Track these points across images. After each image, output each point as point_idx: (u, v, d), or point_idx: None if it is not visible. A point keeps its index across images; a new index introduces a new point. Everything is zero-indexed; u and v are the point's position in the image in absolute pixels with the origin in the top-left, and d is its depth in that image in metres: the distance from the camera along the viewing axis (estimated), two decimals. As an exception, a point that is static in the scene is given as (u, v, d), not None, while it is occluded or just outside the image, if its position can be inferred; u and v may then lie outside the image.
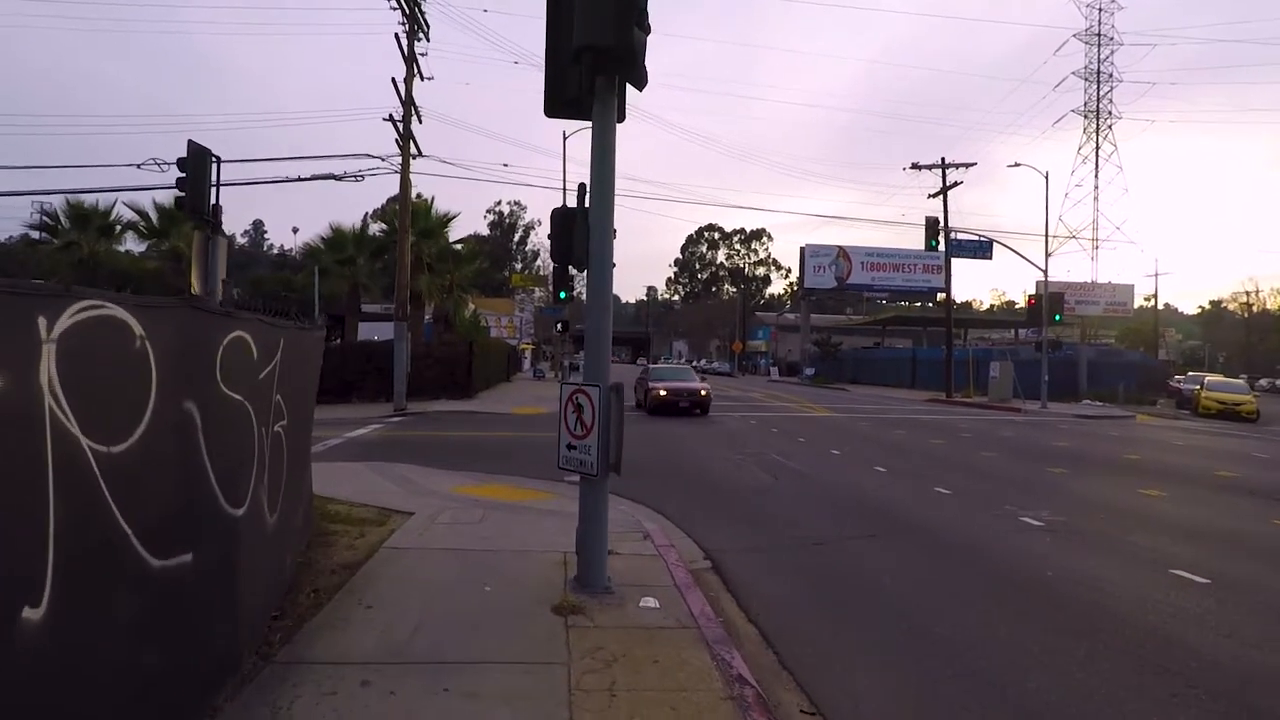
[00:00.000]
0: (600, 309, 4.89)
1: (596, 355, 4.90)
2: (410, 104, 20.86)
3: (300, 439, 4.94)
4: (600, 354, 4.90)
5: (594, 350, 4.91)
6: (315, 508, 7.02)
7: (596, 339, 4.90)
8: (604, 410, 4.70)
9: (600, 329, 4.89)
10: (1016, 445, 15.84)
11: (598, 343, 4.90)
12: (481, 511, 7.72)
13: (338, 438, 14.54)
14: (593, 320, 4.91)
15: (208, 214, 9.64)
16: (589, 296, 4.92)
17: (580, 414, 4.82)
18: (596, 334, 4.90)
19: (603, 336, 4.90)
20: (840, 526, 7.74)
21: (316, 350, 5.29)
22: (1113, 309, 36.69)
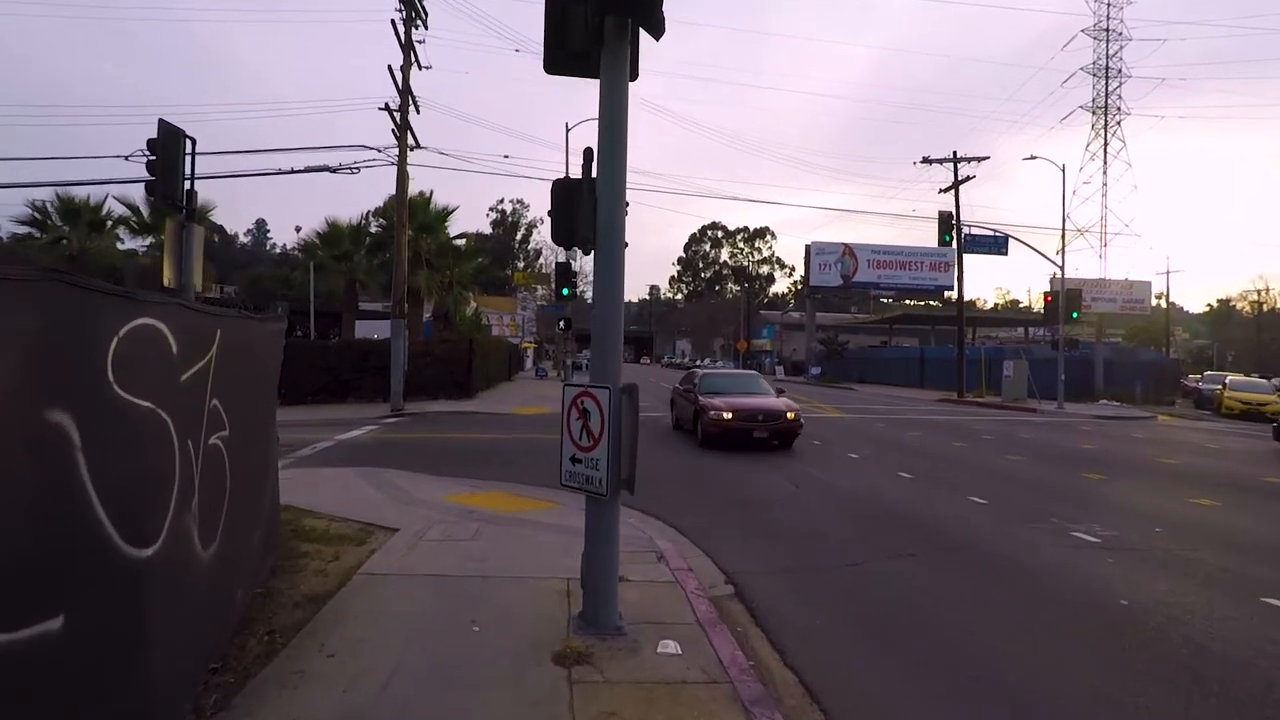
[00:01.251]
0: (610, 295, 4.13)
1: (606, 351, 4.13)
2: (407, 93, 20.10)
3: (255, 451, 4.18)
4: (610, 350, 4.14)
5: (603, 345, 4.14)
6: (288, 523, 6.27)
7: (606, 332, 4.13)
8: (614, 417, 3.94)
9: (610, 320, 4.13)
10: (1041, 448, 15.03)
11: (607, 337, 4.13)
12: (475, 525, 6.96)
13: (328, 440, 13.81)
14: (602, 309, 4.14)
15: (181, 200, 8.89)
16: (597, 281, 4.16)
17: (586, 421, 4.06)
18: (606, 326, 4.13)
19: (613, 329, 4.14)
20: (873, 543, 6.97)
21: (274, 346, 4.53)
22: (1129, 306, 35.79)
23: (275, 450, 5.15)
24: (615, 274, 4.13)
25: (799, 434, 13.55)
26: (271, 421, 4.85)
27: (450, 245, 27.55)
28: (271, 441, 4.81)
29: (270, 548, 4.87)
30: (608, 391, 3.94)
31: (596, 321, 4.14)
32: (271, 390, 4.65)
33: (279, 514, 5.36)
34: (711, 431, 13.12)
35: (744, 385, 15.20)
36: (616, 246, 4.13)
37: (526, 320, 61.11)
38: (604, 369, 4.11)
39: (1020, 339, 64.10)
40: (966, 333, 67.28)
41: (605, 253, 4.12)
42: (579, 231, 4.17)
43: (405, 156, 20.07)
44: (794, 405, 14.11)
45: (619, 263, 4.14)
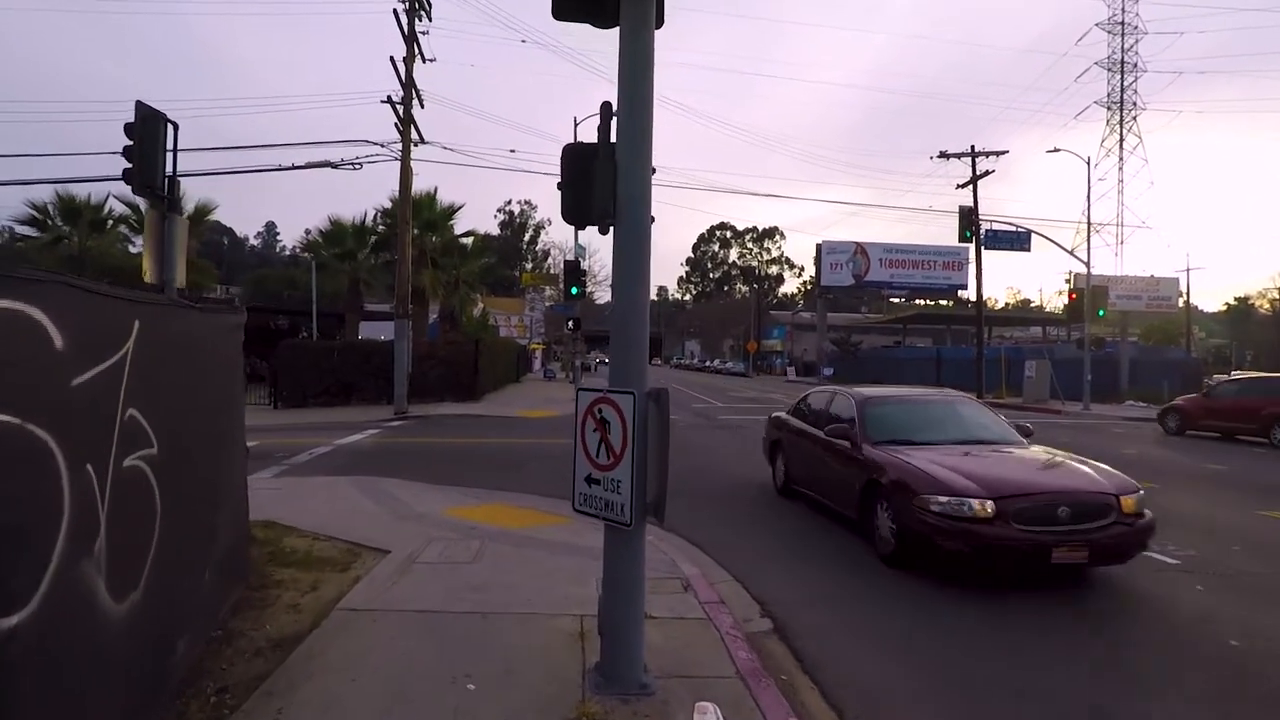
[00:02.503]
0: (634, 282, 3.40)
1: (629, 349, 3.40)
2: (411, 86, 19.46)
3: (204, 470, 3.47)
4: (633, 347, 3.41)
5: (625, 342, 3.41)
6: (266, 543, 5.58)
7: (628, 326, 3.40)
8: (640, 428, 3.21)
9: (633, 311, 3.40)
10: (1080, 452, 14.16)
11: (631, 331, 3.40)
12: (476, 544, 6.24)
13: (327, 445, 13.15)
14: (624, 299, 3.41)
15: (161, 188, 8.21)
16: (619, 264, 3.43)
17: (605, 433, 3.33)
18: (629, 318, 3.40)
19: (636, 322, 3.41)
20: (922, 564, 6.20)
21: (225, 343, 3.79)
22: (1155, 304, 34.70)
23: (241, 465, 4.45)
24: (639, 255, 3.40)
25: (1146, 544, 5.80)
26: (234, 431, 4.15)
27: (456, 243, 26.91)
28: (232, 455, 4.10)
29: (233, 580, 4.16)
30: (632, 397, 3.21)
31: (618, 313, 3.41)
32: (231, 395, 3.94)
33: (247, 539, 4.65)
34: (944, 544, 5.48)
35: (962, 422, 7.52)
36: (641, 221, 3.40)
37: (534, 321, 60.50)
38: (627, 370, 3.38)
39: (1034, 339, 62.98)
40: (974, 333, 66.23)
41: (628, 229, 3.39)
42: (596, 205, 3.44)
43: (409, 151, 19.43)
44: (1120, 479, 5.93)
45: (644, 241, 3.41)
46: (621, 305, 3.41)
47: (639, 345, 3.40)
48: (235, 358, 3.89)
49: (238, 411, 4.08)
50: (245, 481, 4.55)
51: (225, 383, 3.74)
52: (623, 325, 3.40)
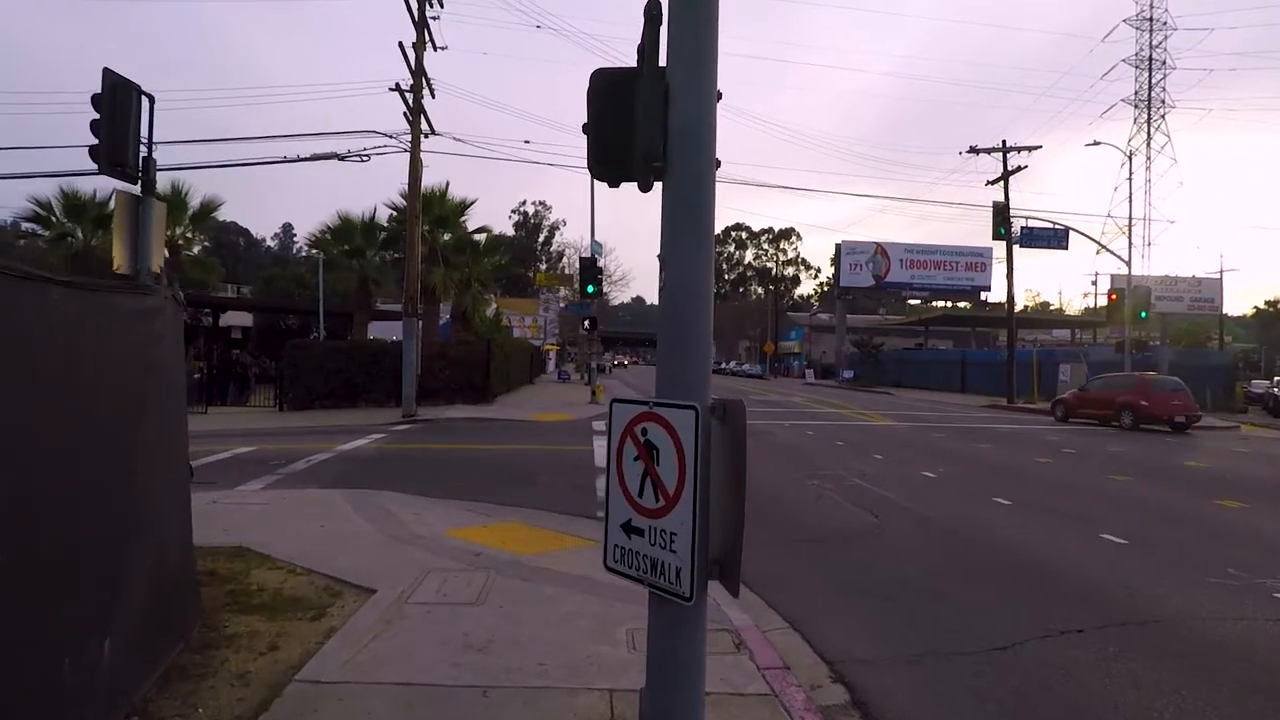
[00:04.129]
0: (692, 249, 2.42)
1: (685, 345, 2.41)
2: (421, 74, 18.61)
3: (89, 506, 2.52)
4: (691, 342, 2.42)
5: (680, 335, 2.42)
6: (232, 578, 4.66)
7: (684, 313, 2.41)
8: (702, 455, 2.22)
9: (691, 290, 2.42)
10: (1142, 466, 13.03)
11: (687, 320, 2.41)
12: (482, 577, 5.29)
13: (327, 451, 12.28)
14: (679, 274, 2.42)
15: (133, 166, 7.35)
16: (671, 227, 2.44)
17: (652, 463, 2.35)
18: (684, 301, 2.41)
19: (695, 306, 2.42)
20: (1012, 608, 5.17)
21: (125, 334, 2.77)
22: (1198, 306, 33.23)
23: (176, 492, 3.50)
24: (700, 213, 2.42)
25: None
26: (158, 450, 3.19)
27: (468, 240, 26.06)
28: (153, 483, 3.11)
29: (162, 641, 3.22)
30: (692, 413, 2.22)
31: (669, 297, 2.43)
32: (142, 403, 2.96)
33: (189, 583, 3.71)
34: None
35: None
36: (702, 164, 2.42)
37: (549, 322, 59.71)
38: (681, 373, 2.39)
39: (1059, 342, 61.40)
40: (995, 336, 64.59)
41: (684, 176, 2.41)
42: (639, 144, 2.45)
43: (419, 142, 18.58)
44: None
45: (706, 192, 2.43)
46: (673, 286, 2.42)
47: (698, 340, 2.41)
48: (147, 353, 2.92)
49: (162, 424, 3.13)
50: (186, 513, 3.62)
51: (130, 387, 2.77)
52: (675, 312, 2.41)
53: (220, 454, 11.97)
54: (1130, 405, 19.89)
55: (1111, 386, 21.22)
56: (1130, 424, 19.72)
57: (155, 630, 3.11)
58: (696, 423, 2.22)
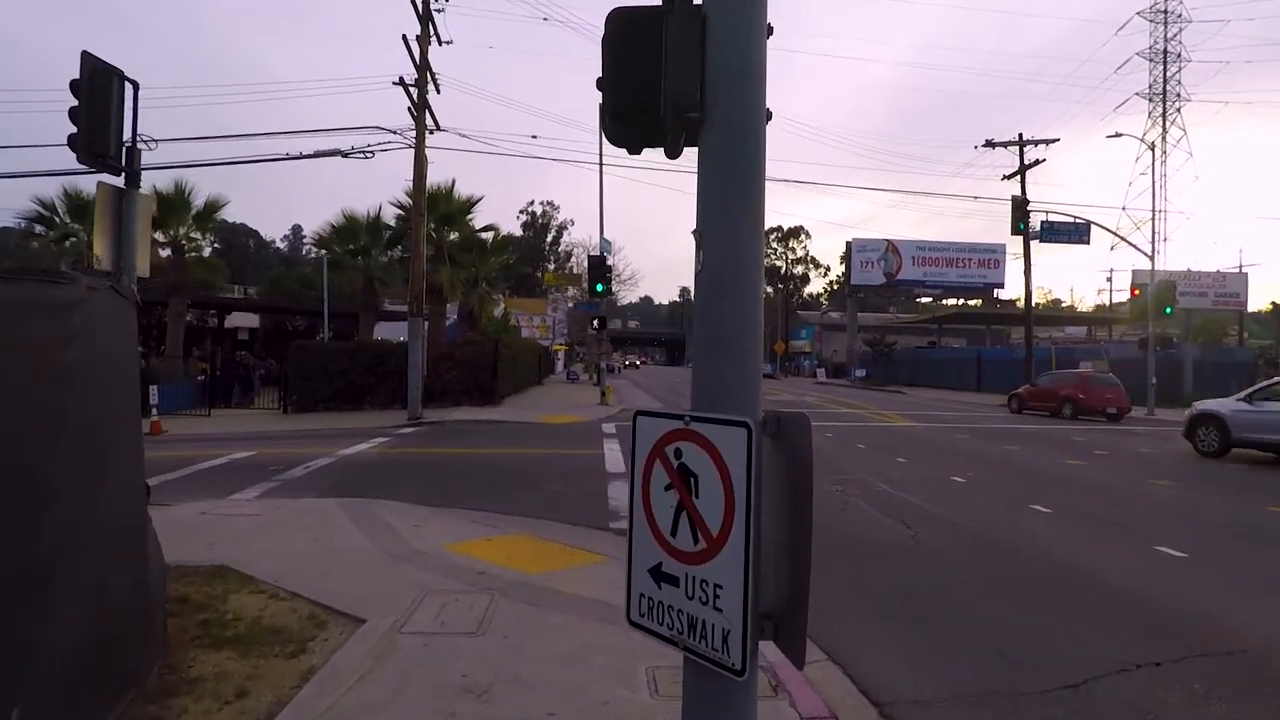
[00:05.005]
0: (738, 218, 1.90)
1: (731, 342, 1.89)
2: (426, 68, 18.19)
3: None
4: (740, 339, 1.90)
5: (723, 329, 1.90)
6: (206, 605, 4.19)
7: (729, 301, 1.89)
8: (754, 484, 1.70)
9: (735, 273, 1.90)
10: (1179, 469, 12.41)
11: (733, 311, 1.89)
12: (485, 601, 4.80)
13: (328, 456, 11.84)
14: (720, 252, 1.91)
15: (115, 157, 6.91)
16: (709, 195, 1.93)
17: (690, 494, 1.84)
18: (729, 287, 1.90)
19: (741, 293, 1.90)
20: (1075, 634, 4.63)
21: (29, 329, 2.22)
22: (1222, 301, 32.33)
23: (124, 520, 3.00)
24: (748, 175, 1.91)
25: None
26: (96, 466, 2.68)
27: (475, 239, 25.62)
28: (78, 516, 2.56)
29: (108, 692, 2.72)
30: (742, 432, 1.71)
31: (707, 282, 1.91)
32: (65, 417, 2.41)
33: (146, 618, 3.22)
34: None
35: None
36: (751, 112, 1.91)
37: (557, 322, 59.33)
38: (725, 381, 1.88)
39: (1074, 339, 60.47)
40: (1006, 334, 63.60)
41: (729, 128, 1.90)
42: (669, 92, 1.94)
43: (423, 137, 18.15)
44: None
45: (756, 149, 1.92)
46: (713, 270, 1.91)
47: (745, 337, 1.89)
48: (57, 357, 2.37)
49: (96, 440, 2.63)
50: (140, 540, 3.14)
51: (28, 398, 2.24)
52: (716, 303, 1.90)
53: (217, 459, 11.55)
54: (1071, 398, 22.57)
55: (1057, 382, 24.00)
56: (1070, 414, 22.36)
57: (95, 681, 2.63)
58: (749, 444, 1.71)
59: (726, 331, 1.89)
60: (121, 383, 2.86)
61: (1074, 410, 22.37)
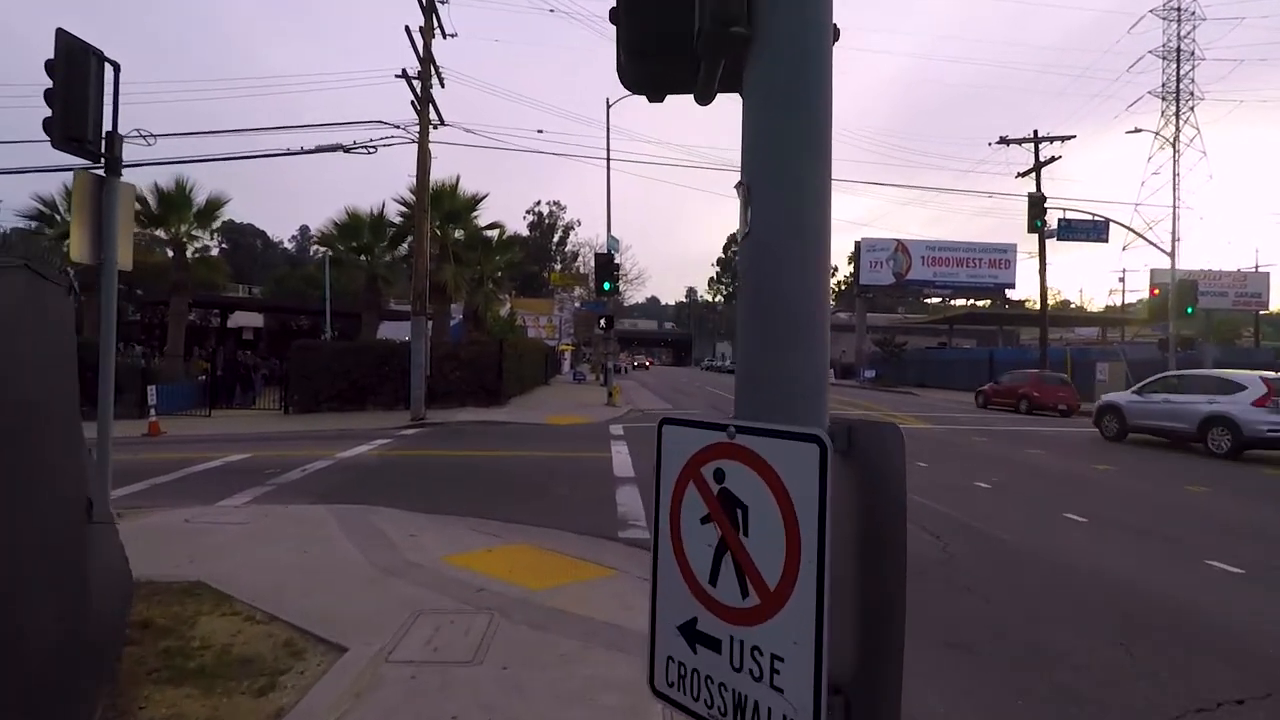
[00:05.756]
0: (802, 165, 1.44)
1: (793, 331, 1.43)
2: (430, 61, 17.78)
3: None
4: (802, 326, 1.43)
5: (781, 315, 1.43)
6: (171, 629, 3.76)
7: (787, 279, 1.43)
8: (818, 513, 1.24)
9: (801, 237, 1.43)
10: (1215, 475, 11.87)
11: (795, 290, 1.43)
12: (483, 623, 4.36)
13: (326, 459, 11.44)
14: (778, 204, 1.45)
15: (93, 142, 6.50)
16: (763, 131, 1.48)
17: (736, 530, 1.38)
18: (784, 262, 1.43)
19: (806, 269, 1.43)
20: (1143, 666, 4.14)
21: None
22: (1243, 301, 31.64)
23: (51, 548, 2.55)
24: (812, 109, 1.45)
25: None
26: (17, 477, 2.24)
27: (480, 237, 25.21)
28: None
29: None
30: (812, 449, 1.26)
31: (759, 250, 1.45)
32: None
33: (88, 656, 2.78)
34: None
35: None
36: (815, 29, 1.45)
37: (563, 321, 58.96)
38: (782, 380, 1.42)
39: (1086, 340, 59.72)
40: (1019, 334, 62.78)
41: (787, 49, 1.44)
42: (707, 10, 1.48)
43: (427, 132, 17.75)
44: None
45: (822, 76, 1.46)
46: (764, 233, 1.45)
47: (809, 322, 1.43)
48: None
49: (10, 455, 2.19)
50: (77, 569, 2.70)
51: None
52: (771, 276, 1.44)
53: (211, 462, 11.16)
54: (1026, 395, 24.68)
55: (1015, 381, 26.26)
56: (1025, 410, 24.43)
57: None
58: (821, 466, 1.25)
59: (784, 314, 1.43)
60: (46, 380, 2.44)
61: (1029, 406, 24.42)
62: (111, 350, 6.85)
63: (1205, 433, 13.89)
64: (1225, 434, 13.53)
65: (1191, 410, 14.26)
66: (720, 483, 1.42)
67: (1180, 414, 14.51)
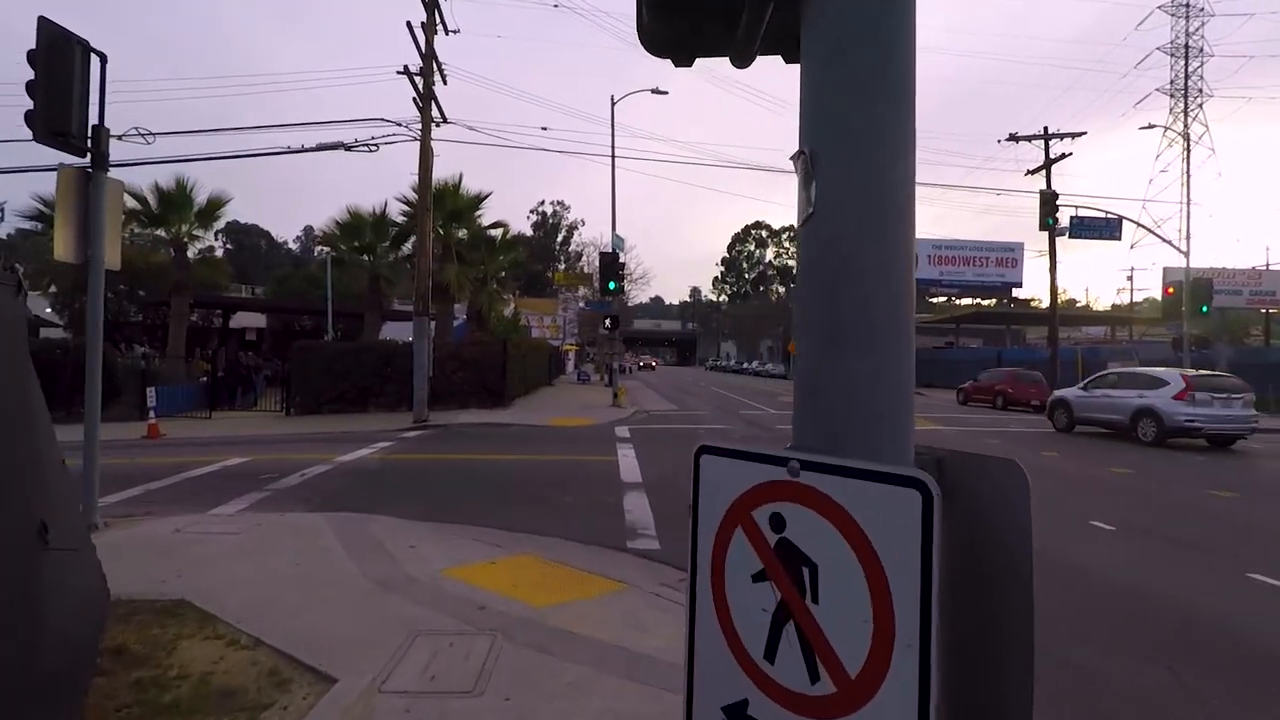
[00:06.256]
0: (877, 127, 1.13)
1: (872, 332, 1.12)
2: (431, 58, 17.51)
3: None
4: (881, 324, 1.13)
5: (855, 307, 1.12)
6: (147, 658, 3.48)
7: (860, 266, 1.12)
8: (919, 583, 0.94)
9: (878, 210, 1.13)
10: (1248, 477, 11.51)
11: (874, 283, 1.12)
12: (484, 646, 4.06)
13: (326, 463, 11.16)
14: (850, 175, 1.14)
15: (78, 136, 6.22)
16: (831, 87, 1.17)
17: (803, 595, 1.07)
18: (861, 242, 1.12)
19: (885, 253, 1.13)
20: (1212, 699, 3.82)
21: None
22: (1258, 300, 31.18)
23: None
24: (891, 57, 1.14)
25: None
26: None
27: (484, 236, 24.94)
28: None
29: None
30: (916, 496, 0.96)
31: (826, 230, 1.15)
32: None
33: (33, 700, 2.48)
34: None
35: None
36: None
37: (567, 322, 58.70)
38: (861, 398, 1.12)
39: (1094, 339, 59.26)
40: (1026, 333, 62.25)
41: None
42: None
43: (429, 129, 17.48)
44: None
45: (903, 18, 1.15)
46: (836, 208, 1.15)
47: (891, 324, 1.13)
48: None
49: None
50: (25, 601, 2.41)
51: None
52: (837, 266, 1.14)
53: (209, 466, 10.90)
54: (1002, 392, 26.16)
55: (992, 378, 27.83)
56: (1001, 405, 25.92)
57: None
58: (926, 520, 0.94)
59: (858, 310, 1.12)
60: None
61: (1004, 402, 25.90)
62: (98, 351, 6.58)
63: (1136, 423, 15.45)
64: (1151, 424, 15.12)
65: (1125, 404, 15.78)
66: (779, 531, 1.12)
67: (1117, 407, 16.01)
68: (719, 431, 17.00)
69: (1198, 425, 14.58)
